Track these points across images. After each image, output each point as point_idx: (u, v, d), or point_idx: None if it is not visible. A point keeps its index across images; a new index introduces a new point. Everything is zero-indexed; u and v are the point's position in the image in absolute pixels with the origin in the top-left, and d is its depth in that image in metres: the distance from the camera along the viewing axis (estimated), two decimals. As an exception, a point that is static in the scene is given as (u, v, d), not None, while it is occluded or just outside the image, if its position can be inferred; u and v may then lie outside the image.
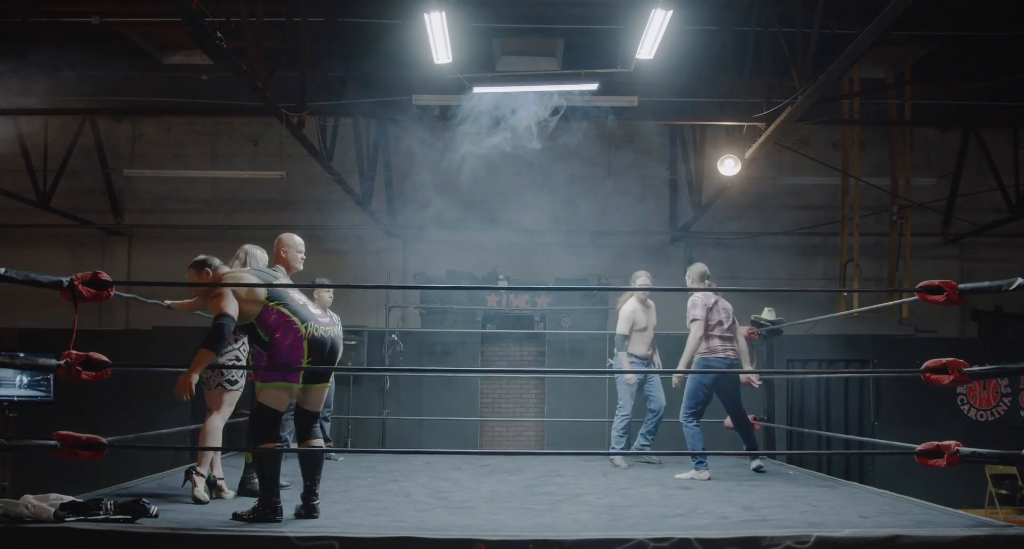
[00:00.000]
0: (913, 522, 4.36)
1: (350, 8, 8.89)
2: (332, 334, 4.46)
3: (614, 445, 7.30)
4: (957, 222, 11.40)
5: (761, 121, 7.90)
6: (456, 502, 5.07)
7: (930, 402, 10.26)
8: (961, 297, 4.33)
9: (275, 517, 4.18)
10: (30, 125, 10.77)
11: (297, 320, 4.34)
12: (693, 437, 6.68)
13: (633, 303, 7.42)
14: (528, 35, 8.98)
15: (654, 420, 7.34)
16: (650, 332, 7.42)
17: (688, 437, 6.69)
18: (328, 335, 4.42)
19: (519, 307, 10.92)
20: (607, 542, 3.74)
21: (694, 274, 6.89)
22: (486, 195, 10.87)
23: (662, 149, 11.89)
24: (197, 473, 4.89)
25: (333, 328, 4.49)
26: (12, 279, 3.92)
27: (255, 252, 5.21)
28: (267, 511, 4.20)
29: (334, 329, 4.49)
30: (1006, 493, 9.86)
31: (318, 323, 4.40)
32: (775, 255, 11.58)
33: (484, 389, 10.91)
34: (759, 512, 4.74)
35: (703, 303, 6.69)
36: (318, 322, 4.41)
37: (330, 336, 4.43)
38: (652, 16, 6.78)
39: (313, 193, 11.29)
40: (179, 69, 10.34)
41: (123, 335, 10.97)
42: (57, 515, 3.83)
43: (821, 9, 6.65)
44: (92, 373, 4.07)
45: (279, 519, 4.18)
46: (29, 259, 10.98)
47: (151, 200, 11.80)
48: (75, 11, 8.56)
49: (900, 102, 10.59)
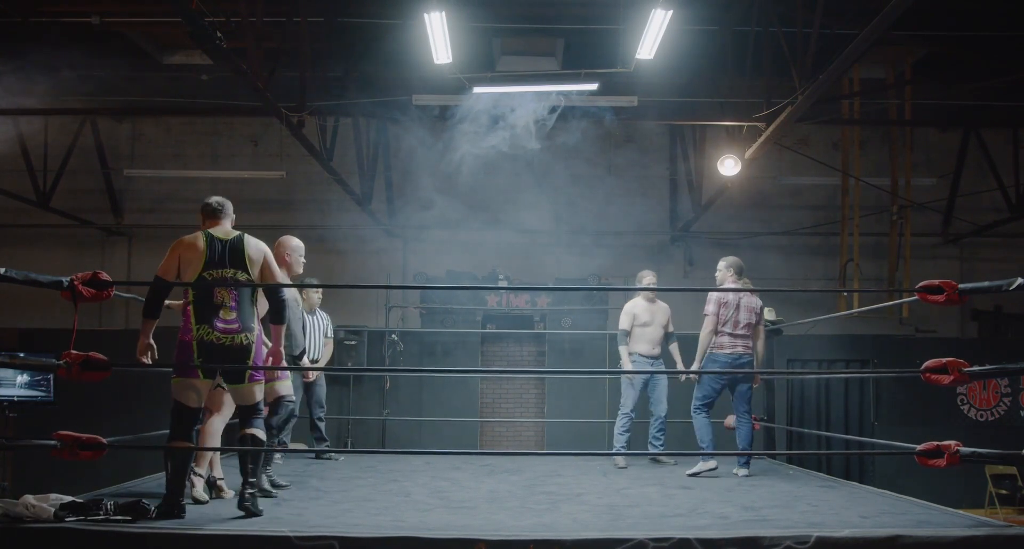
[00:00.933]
0: (913, 522, 4.35)
1: (350, 8, 8.89)
2: (230, 342, 4.36)
3: (616, 444, 7.29)
4: (957, 222, 11.40)
5: (761, 121, 7.90)
6: (456, 502, 5.07)
7: (930, 402, 10.25)
8: (961, 297, 4.33)
9: (178, 514, 4.16)
10: (30, 125, 10.76)
11: (193, 320, 4.35)
12: (700, 428, 6.69)
13: (637, 299, 7.42)
14: (528, 35, 8.98)
15: (656, 423, 7.31)
16: (654, 330, 7.33)
17: (695, 428, 6.70)
18: (221, 342, 4.34)
19: (519, 307, 10.92)
20: (607, 542, 3.74)
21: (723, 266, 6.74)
22: (486, 195, 10.87)
23: (662, 149, 11.89)
24: (195, 473, 4.88)
25: (237, 336, 4.37)
26: (12, 279, 3.93)
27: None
28: (170, 509, 4.17)
29: (238, 338, 4.38)
30: (1006, 493, 9.86)
31: (213, 328, 4.34)
32: (775, 255, 11.57)
33: (484, 389, 10.91)
34: (759, 512, 4.74)
35: (718, 298, 6.64)
36: (214, 327, 4.34)
37: (224, 344, 4.35)
38: (652, 16, 6.78)
39: (313, 193, 11.29)
40: (179, 69, 10.34)
41: (123, 335, 10.95)
42: (57, 515, 3.83)
43: (821, 9, 6.65)
44: (92, 373, 4.07)
45: (182, 517, 4.15)
46: (29, 259, 10.98)
47: (151, 200, 11.80)
48: (75, 11, 8.55)
49: (900, 102, 10.59)
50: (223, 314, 4.36)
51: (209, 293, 4.37)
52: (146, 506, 4.04)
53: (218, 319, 4.34)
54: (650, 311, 7.37)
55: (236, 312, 4.38)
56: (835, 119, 10.52)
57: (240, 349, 4.37)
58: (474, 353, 10.79)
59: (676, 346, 7.48)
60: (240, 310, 4.39)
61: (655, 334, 7.34)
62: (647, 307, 7.38)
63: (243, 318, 4.39)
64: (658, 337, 7.35)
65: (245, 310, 4.42)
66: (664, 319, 7.41)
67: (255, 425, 4.52)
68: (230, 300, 4.38)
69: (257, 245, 4.58)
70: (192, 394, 4.38)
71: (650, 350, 7.32)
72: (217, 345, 4.33)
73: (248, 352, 4.40)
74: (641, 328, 7.32)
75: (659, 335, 7.35)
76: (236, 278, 4.41)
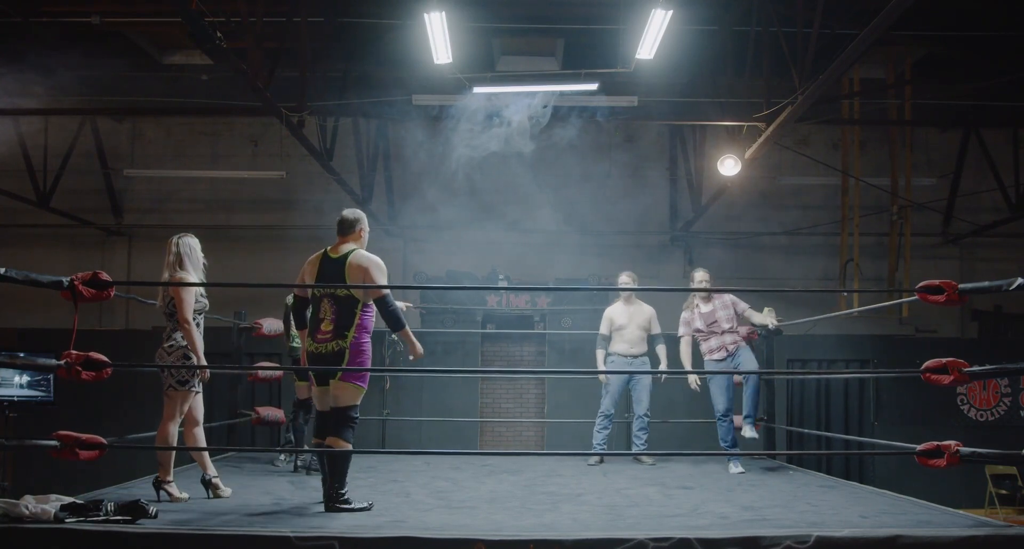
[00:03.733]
0: (913, 522, 4.36)
1: (350, 8, 8.89)
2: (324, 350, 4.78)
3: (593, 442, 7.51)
4: (957, 222, 11.40)
5: (761, 121, 7.90)
6: (456, 502, 5.07)
7: (930, 402, 10.26)
8: (961, 297, 4.33)
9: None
10: (30, 125, 10.76)
11: (307, 334, 4.97)
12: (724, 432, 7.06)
13: (616, 303, 7.61)
14: (528, 35, 8.98)
15: (637, 422, 7.40)
16: (631, 330, 7.44)
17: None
18: (318, 351, 4.81)
19: (519, 307, 10.91)
20: (607, 542, 3.74)
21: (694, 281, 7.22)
22: (486, 195, 10.87)
23: (662, 149, 11.89)
24: (164, 483, 4.87)
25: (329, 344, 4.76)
26: (12, 279, 3.92)
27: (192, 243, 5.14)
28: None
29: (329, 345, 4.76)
30: (1006, 493, 9.86)
31: (315, 339, 4.84)
32: (775, 255, 11.58)
33: (484, 389, 10.90)
34: (759, 512, 4.74)
35: (683, 319, 7.19)
36: (315, 339, 4.84)
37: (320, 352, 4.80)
38: (652, 16, 6.78)
39: (313, 193, 11.28)
40: (179, 69, 10.34)
41: (123, 335, 10.97)
42: (57, 516, 3.83)
43: (821, 9, 6.64)
44: (92, 373, 4.07)
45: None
46: (29, 259, 10.98)
47: (151, 200, 11.79)
48: (75, 11, 8.56)
49: (900, 102, 10.59)
50: (323, 327, 4.77)
51: (316, 309, 4.82)
52: (145, 506, 4.04)
53: (319, 332, 4.78)
54: (627, 313, 7.50)
55: (333, 324, 4.74)
56: (835, 119, 10.52)
57: (332, 355, 4.72)
58: (474, 353, 10.78)
59: (663, 347, 7.52)
60: (337, 322, 4.73)
61: (632, 335, 7.44)
62: (623, 309, 7.53)
63: (337, 329, 4.73)
64: (636, 337, 7.45)
65: (341, 323, 4.74)
66: (643, 319, 7.50)
67: (341, 434, 4.73)
68: (330, 314, 4.76)
69: (359, 261, 4.80)
70: (316, 398, 4.95)
71: (628, 350, 7.43)
72: (315, 354, 4.79)
73: (339, 356, 4.71)
74: (618, 331, 7.47)
75: (638, 335, 7.46)
76: (335, 294, 4.75)
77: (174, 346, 4.97)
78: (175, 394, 4.94)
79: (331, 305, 4.75)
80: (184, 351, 4.95)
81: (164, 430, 4.92)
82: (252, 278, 11.03)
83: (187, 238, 5.10)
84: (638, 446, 7.33)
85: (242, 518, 4.28)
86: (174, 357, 4.95)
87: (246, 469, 6.56)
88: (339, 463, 4.67)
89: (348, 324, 4.72)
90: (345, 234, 4.93)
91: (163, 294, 5.05)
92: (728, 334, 7.02)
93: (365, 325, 4.78)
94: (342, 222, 4.94)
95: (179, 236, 5.09)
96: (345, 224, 4.93)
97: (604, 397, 7.54)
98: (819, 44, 6.90)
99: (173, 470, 4.97)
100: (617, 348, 7.44)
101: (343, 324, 4.72)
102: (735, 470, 6.76)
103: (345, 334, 4.71)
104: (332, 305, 4.75)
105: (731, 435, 7.04)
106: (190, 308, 4.93)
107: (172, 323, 4.99)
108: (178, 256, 5.01)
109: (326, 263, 4.84)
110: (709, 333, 7.06)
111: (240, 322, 7.69)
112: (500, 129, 8.28)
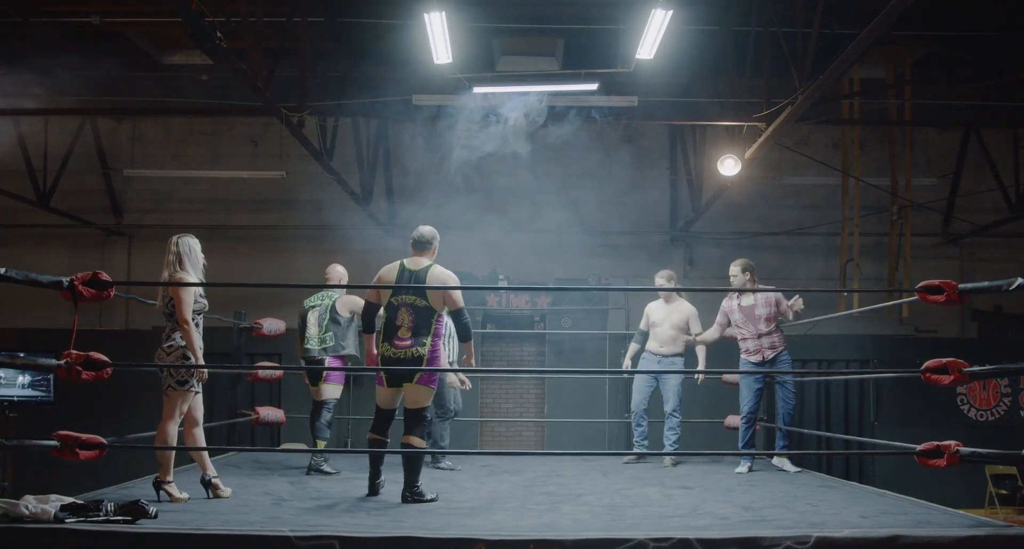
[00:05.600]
0: (913, 522, 4.35)
1: (350, 8, 8.89)
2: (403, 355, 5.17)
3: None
4: (957, 222, 11.40)
5: (761, 121, 7.90)
6: (456, 502, 5.07)
7: (930, 402, 10.25)
8: (961, 297, 4.33)
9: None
10: (30, 125, 10.76)
11: (380, 339, 5.34)
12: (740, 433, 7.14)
13: (657, 300, 7.59)
14: (528, 35, 8.98)
15: (667, 422, 7.37)
16: (664, 329, 7.41)
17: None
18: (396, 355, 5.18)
19: (519, 307, 10.91)
20: (607, 542, 3.74)
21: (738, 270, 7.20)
22: (486, 195, 10.87)
23: (662, 149, 11.89)
24: (164, 483, 4.87)
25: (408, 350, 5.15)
26: (12, 279, 3.92)
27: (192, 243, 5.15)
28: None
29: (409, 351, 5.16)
30: (1006, 493, 9.85)
31: (392, 345, 5.22)
32: (775, 255, 11.57)
33: (484, 389, 10.90)
34: (759, 512, 4.74)
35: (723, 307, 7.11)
36: (393, 344, 5.22)
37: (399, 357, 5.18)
38: (652, 16, 6.78)
39: (313, 193, 11.28)
40: (179, 69, 10.33)
41: (123, 335, 10.97)
42: (57, 516, 3.83)
43: (821, 9, 6.65)
44: (92, 373, 4.07)
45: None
46: (29, 259, 10.97)
47: (151, 200, 11.79)
48: (75, 11, 8.56)
49: (900, 102, 10.59)
50: (400, 333, 5.16)
51: (392, 317, 5.19)
52: (145, 506, 4.04)
53: (396, 338, 5.16)
54: (664, 311, 7.46)
55: (411, 331, 5.13)
56: (835, 119, 10.51)
57: (412, 359, 5.11)
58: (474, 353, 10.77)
59: (703, 348, 7.45)
60: (415, 330, 5.13)
61: (664, 334, 7.40)
62: (661, 307, 7.50)
63: (416, 336, 5.13)
64: (668, 337, 7.40)
65: (420, 330, 5.14)
66: (679, 319, 7.43)
67: (415, 433, 5.18)
68: (408, 322, 5.15)
69: (439, 276, 5.24)
70: (381, 397, 5.30)
71: (658, 348, 7.41)
72: (393, 358, 5.14)
73: (418, 361, 5.11)
74: (654, 328, 7.49)
75: (670, 335, 7.40)
76: (415, 304, 5.15)
77: (173, 346, 4.95)
78: (174, 394, 4.93)
79: (409, 314, 5.15)
80: (183, 351, 4.93)
81: (163, 430, 4.91)
82: (252, 278, 11.03)
83: (187, 238, 5.09)
84: (667, 446, 7.31)
85: (242, 518, 4.28)
86: (173, 357, 4.93)
87: (246, 469, 6.55)
88: (415, 459, 5.11)
89: (426, 332, 5.15)
90: (422, 250, 5.38)
91: (163, 294, 5.04)
92: (766, 337, 6.89)
93: (439, 332, 5.24)
94: (420, 238, 5.39)
95: (179, 236, 5.08)
96: (423, 241, 5.39)
97: (634, 395, 7.56)
98: (819, 44, 6.90)
99: (173, 470, 4.96)
100: (649, 346, 7.46)
101: (421, 332, 5.13)
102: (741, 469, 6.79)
103: (424, 342, 5.14)
104: (410, 314, 5.15)
105: (747, 438, 7.06)
106: (189, 308, 4.92)
107: (171, 323, 4.98)
108: (178, 256, 4.99)
109: (404, 274, 5.25)
110: (747, 332, 6.94)
111: (240, 322, 7.69)
112: (500, 129, 8.28)
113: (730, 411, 7.91)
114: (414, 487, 5.06)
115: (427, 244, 5.39)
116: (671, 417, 7.32)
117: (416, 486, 5.07)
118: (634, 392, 7.55)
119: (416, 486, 5.07)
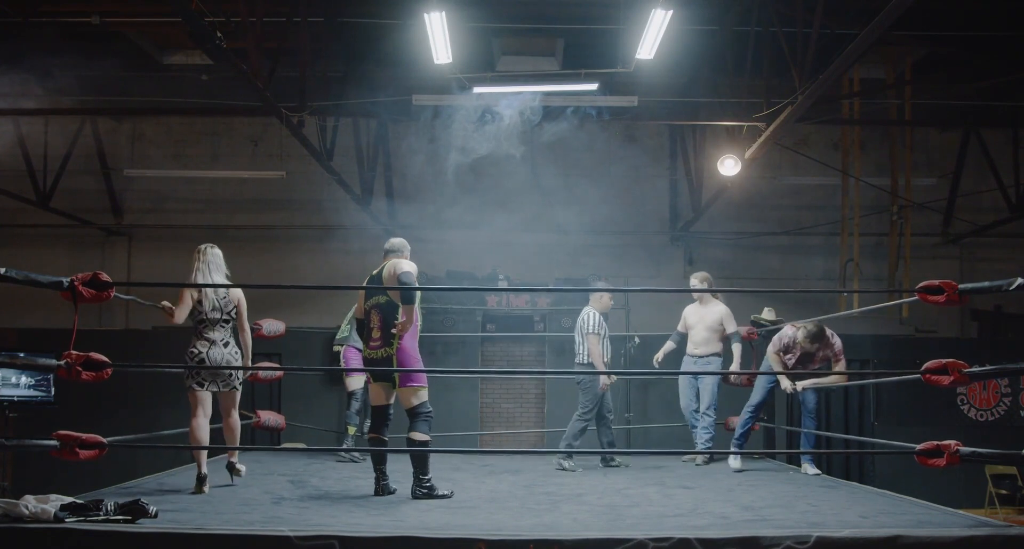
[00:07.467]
0: (913, 522, 4.36)
1: (350, 8, 8.89)
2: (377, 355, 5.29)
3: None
4: (957, 222, 11.39)
5: (761, 121, 7.90)
6: (456, 502, 5.07)
7: (930, 402, 10.24)
8: (961, 297, 4.33)
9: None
10: (30, 125, 10.76)
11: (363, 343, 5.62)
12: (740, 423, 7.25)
13: (693, 303, 7.74)
14: (528, 35, 8.97)
15: (700, 421, 7.39)
16: (698, 331, 7.53)
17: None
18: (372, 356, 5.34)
19: (519, 307, 10.91)
20: (607, 542, 3.74)
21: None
22: (486, 195, 10.86)
23: (662, 149, 11.88)
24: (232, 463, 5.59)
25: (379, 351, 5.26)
26: (12, 279, 3.92)
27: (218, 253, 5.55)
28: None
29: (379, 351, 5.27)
30: (1006, 493, 9.85)
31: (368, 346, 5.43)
32: (775, 255, 11.57)
33: (484, 389, 10.89)
34: (759, 512, 4.74)
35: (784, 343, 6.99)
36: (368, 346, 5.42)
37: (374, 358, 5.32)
38: (652, 16, 6.78)
39: (313, 193, 11.28)
40: (179, 69, 10.33)
41: (123, 335, 10.96)
42: (57, 516, 3.83)
43: (821, 9, 6.65)
44: (92, 373, 4.07)
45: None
46: (29, 259, 10.96)
47: (151, 200, 11.79)
48: (75, 11, 8.56)
49: (900, 102, 10.59)
50: (373, 334, 5.31)
51: (368, 320, 5.35)
52: (145, 506, 4.04)
53: (371, 339, 5.33)
54: (698, 314, 7.60)
55: (380, 332, 5.25)
56: (835, 119, 10.51)
57: (382, 360, 5.23)
58: (474, 353, 10.77)
59: (739, 346, 7.47)
60: (384, 330, 5.22)
61: (699, 335, 7.53)
62: (696, 310, 7.65)
63: (384, 336, 5.23)
64: (702, 338, 7.51)
65: (386, 330, 5.22)
66: (712, 320, 7.50)
67: (416, 428, 5.32)
68: (377, 323, 5.27)
69: (389, 270, 5.28)
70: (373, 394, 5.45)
71: (694, 349, 7.58)
72: (369, 359, 5.37)
73: (388, 361, 5.20)
74: (690, 330, 7.63)
75: (704, 336, 7.50)
76: (379, 303, 5.28)
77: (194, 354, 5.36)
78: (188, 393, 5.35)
79: (377, 314, 5.26)
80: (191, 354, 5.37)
81: (190, 426, 5.32)
82: (252, 278, 11.00)
83: (215, 249, 5.51)
84: (699, 445, 7.34)
85: (242, 518, 4.28)
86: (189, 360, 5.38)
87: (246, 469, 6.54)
88: (420, 455, 5.22)
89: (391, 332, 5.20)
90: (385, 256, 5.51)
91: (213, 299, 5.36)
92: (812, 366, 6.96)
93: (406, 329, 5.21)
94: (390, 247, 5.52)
95: (207, 246, 5.48)
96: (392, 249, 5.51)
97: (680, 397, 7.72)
98: (819, 44, 6.90)
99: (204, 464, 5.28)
100: (687, 347, 7.63)
101: (388, 331, 5.19)
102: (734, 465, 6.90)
103: (391, 342, 5.19)
104: (378, 314, 5.26)
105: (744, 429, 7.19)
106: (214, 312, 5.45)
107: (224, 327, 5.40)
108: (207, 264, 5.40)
109: (371, 280, 5.41)
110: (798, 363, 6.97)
111: (240, 322, 7.68)
112: (500, 129, 8.28)
113: (731, 412, 7.91)
114: (423, 481, 5.16)
115: (396, 253, 5.49)
116: (705, 416, 7.37)
117: (425, 480, 5.17)
118: (680, 395, 7.70)
119: (425, 480, 5.17)
